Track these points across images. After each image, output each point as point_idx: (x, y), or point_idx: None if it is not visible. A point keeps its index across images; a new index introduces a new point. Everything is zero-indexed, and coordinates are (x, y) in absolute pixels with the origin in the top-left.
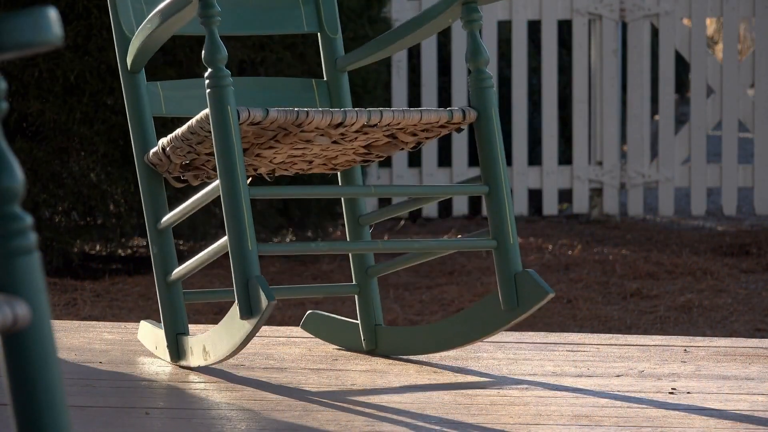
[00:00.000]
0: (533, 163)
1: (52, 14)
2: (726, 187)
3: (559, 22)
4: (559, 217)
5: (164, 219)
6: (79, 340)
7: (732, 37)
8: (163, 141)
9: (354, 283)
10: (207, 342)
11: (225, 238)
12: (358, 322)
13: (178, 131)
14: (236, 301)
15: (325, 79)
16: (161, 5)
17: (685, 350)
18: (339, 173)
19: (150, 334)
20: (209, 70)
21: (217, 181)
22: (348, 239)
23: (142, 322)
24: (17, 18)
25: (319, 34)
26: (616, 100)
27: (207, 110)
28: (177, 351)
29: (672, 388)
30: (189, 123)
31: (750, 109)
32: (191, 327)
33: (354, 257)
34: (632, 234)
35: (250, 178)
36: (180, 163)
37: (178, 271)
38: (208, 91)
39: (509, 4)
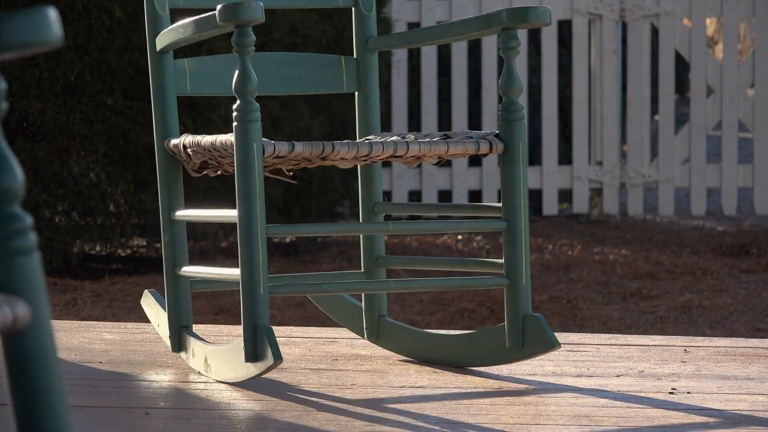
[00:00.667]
0: (533, 163)
1: (52, 14)
2: (726, 187)
3: (559, 22)
4: (559, 217)
5: (178, 213)
6: (79, 340)
7: (732, 37)
8: (185, 141)
9: (362, 271)
10: (210, 355)
11: (238, 272)
12: (362, 306)
13: (202, 141)
14: (243, 341)
15: (354, 56)
16: (196, 18)
17: (685, 350)
18: (359, 166)
19: (154, 310)
20: (238, 101)
21: (236, 212)
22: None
23: (146, 292)
24: (17, 18)
25: (353, 9)
26: (616, 100)
27: (232, 137)
28: (179, 344)
29: (672, 388)
30: (213, 140)
31: (750, 109)
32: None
33: (364, 246)
34: (632, 234)
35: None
36: (199, 162)
37: (188, 270)
38: (234, 124)
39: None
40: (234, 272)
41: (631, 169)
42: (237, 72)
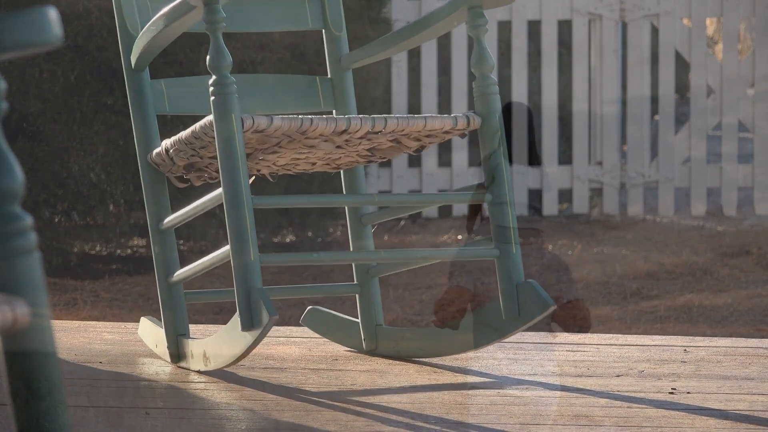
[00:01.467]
0: (533, 163)
1: (52, 14)
2: (726, 187)
3: (559, 22)
4: (559, 217)
5: (166, 220)
6: (79, 340)
7: (732, 37)
8: (167, 143)
9: (355, 282)
10: (208, 348)
11: (227, 247)
12: (359, 320)
13: (182, 135)
14: (237, 312)
15: (329, 76)
16: (165, 9)
17: (685, 350)
18: (342, 173)
19: (150, 332)
20: (214, 76)
21: (220, 189)
22: (350, 238)
23: (143, 319)
24: (17, 18)
25: (323, 31)
26: (616, 100)
27: (211, 117)
28: (177, 352)
29: (672, 388)
30: (193, 128)
31: (750, 109)
32: (191, 327)
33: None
34: (632, 234)
35: (253, 178)
36: (183, 165)
37: (180, 273)
38: (212, 98)
39: (509, 5)
40: (224, 249)
41: (631, 169)
42: (210, 49)
